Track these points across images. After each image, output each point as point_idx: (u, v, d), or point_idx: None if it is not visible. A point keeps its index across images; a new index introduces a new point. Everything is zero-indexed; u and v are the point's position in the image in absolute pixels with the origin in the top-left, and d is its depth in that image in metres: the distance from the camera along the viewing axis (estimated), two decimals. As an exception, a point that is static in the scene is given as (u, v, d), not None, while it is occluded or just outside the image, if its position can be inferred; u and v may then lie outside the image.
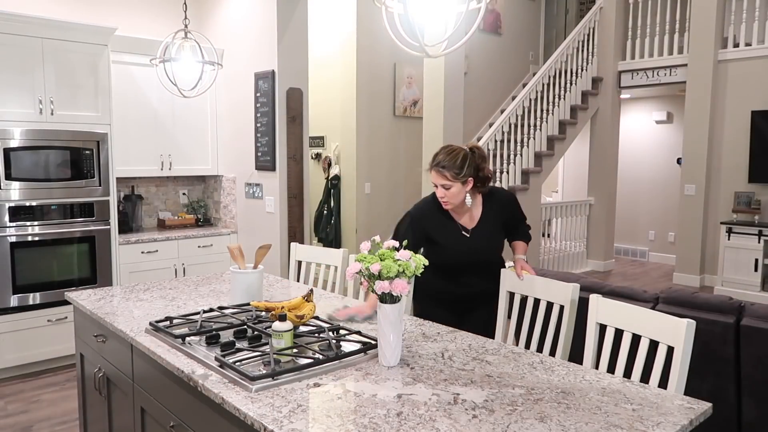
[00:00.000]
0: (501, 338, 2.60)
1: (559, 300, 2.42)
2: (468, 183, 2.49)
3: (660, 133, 8.93)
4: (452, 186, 2.47)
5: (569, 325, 2.37)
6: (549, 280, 2.50)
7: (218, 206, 5.48)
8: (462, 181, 2.47)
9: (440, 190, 2.50)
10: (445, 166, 2.46)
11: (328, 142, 7.05)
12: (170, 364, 1.91)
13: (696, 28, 7.07)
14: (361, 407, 1.58)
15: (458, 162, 2.45)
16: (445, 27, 1.99)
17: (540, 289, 2.51)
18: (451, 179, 2.46)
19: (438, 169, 2.48)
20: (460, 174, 2.46)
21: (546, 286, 2.49)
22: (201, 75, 3.43)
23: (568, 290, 2.38)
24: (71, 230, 4.29)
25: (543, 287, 2.50)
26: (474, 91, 7.97)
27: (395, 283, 1.82)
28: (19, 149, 4.04)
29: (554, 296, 2.44)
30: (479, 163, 2.53)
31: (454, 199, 2.51)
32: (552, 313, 2.44)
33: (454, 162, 2.46)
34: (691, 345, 1.85)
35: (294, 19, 4.72)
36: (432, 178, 2.51)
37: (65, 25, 4.18)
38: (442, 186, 2.49)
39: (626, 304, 2.10)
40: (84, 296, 2.74)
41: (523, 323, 2.56)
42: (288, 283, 3.14)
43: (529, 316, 2.56)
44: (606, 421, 1.52)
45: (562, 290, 2.41)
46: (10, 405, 3.72)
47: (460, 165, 2.46)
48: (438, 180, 2.49)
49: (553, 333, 2.41)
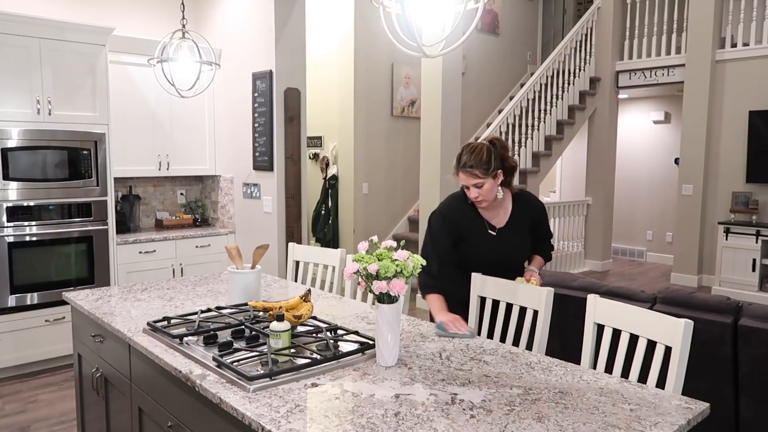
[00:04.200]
0: (498, 338, 2.60)
1: (533, 305, 2.33)
2: (498, 176, 2.44)
3: (658, 133, 8.94)
4: (484, 183, 2.40)
5: (544, 329, 2.28)
6: (523, 284, 2.42)
7: (216, 206, 5.48)
8: (492, 175, 2.41)
9: (473, 190, 2.43)
10: (473, 165, 2.39)
11: (326, 142, 7.05)
12: (168, 364, 1.90)
13: (694, 28, 7.09)
14: (358, 407, 1.58)
15: (484, 157, 2.39)
16: (442, 27, 1.99)
17: (512, 294, 2.41)
18: (481, 176, 2.39)
19: (466, 170, 2.41)
20: (489, 169, 2.39)
21: (518, 290, 2.39)
22: (199, 75, 3.43)
23: (542, 294, 2.30)
24: (69, 230, 4.28)
25: (515, 292, 2.41)
26: (472, 91, 7.97)
27: (393, 283, 1.82)
28: (16, 149, 4.03)
29: (527, 301, 2.36)
30: (503, 153, 2.47)
31: (488, 195, 2.44)
32: (526, 318, 2.36)
33: (480, 159, 2.39)
34: (689, 345, 1.85)
35: (292, 19, 4.72)
36: (462, 181, 2.45)
37: (63, 25, 4.18)
38: (474, 186, 2.42)
39: (624, 304, 2.10)
40: (82, 296, 2.74)
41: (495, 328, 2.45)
42: (286, 283, 3.13)
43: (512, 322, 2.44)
44: (603, 421, 1.52)
45: (536, 295, 2.33)
46: (7, 405, 3.71)
47: (487, 160, 2.39)
48: (469, 181, 2.42)
49: (527, 338, 2.34)
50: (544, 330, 2.29)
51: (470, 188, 2.43)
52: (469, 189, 2.44)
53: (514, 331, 2.41)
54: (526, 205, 2.60)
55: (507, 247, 2.53)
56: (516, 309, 2.41)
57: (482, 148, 2.41)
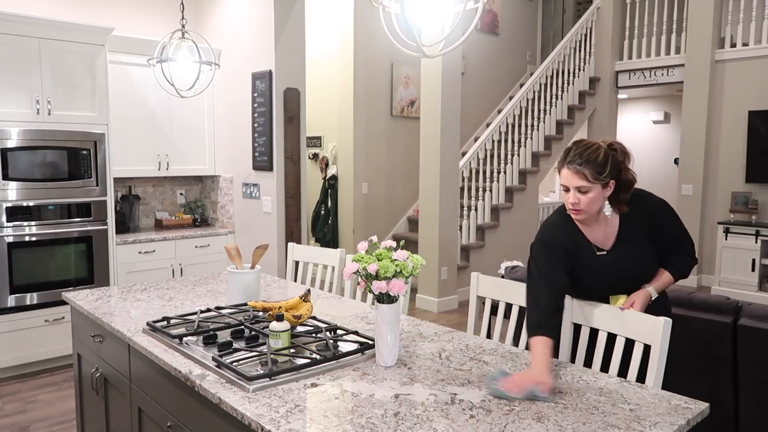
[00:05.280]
0: (498, 338, 2.60)
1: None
2: (609, 186, 1.99)
3: (657, 133, 8.94)
4: (590, 189, 1.96)
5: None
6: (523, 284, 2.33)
7: (215, 206, 5.48)
8: (603, 183, 1.97)
9: (573, 194, 1.99)
10: (583, 163, 1.95)
11: (326, 143, 7.05)
12: (167, 364, 1.90)
13: (693, 28, 7.09)
14: (358, 407, 1.58)
15: (600, 159, 1.96)
16: (442, 27, 1.99)
17: (512, 294, 2.39)
18: (591, 180, 1.95)
19: (574, 167, 1.96)
20: (603, 174, 1.96)
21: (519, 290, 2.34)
22: (198, 75, 3.43)
23: None
24: (68, 230, 4.28)
25: (515, 292, 2.38)
26: (471, 91, 7.98)
27: (393, 283, 1.82)
28: (16, 149, 4.03)
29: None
30: (622, 162, 2.03)
31: (590, 206, 1.99)
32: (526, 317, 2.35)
33: (595, 158, 1.96)
34: (667, 343, 1.85)
35: (291, 19, 4.72)
36: (563, 179, 2.01)
37: (62, 25, 4.18)
38: (577, 189, 1.98)
39: (601, 303, 2.09)
40: (81, 296, 2.74)
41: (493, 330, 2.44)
42: (285, 283, 3.13)
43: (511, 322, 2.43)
44: (603, 421, 1.52)
45: None
46: (7, 405, 3.71)
47: (603, 162, 1.96)
48: (572, 181, 1.98)
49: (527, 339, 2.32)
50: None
51: (570, 191, 2.00)
52: (568, 192, 2.01)
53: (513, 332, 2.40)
54: (637, 209, 2.08)
55: (624, 265, 2.08)
56: (516, 309, 2.40)
57: (599, 148, 1.99)
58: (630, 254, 2.07)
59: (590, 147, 1.99)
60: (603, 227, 2.09)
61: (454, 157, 6.02)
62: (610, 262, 2.07)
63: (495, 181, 6.86)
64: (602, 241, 2.09)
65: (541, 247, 2.09)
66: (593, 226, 2.09)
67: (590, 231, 2.10)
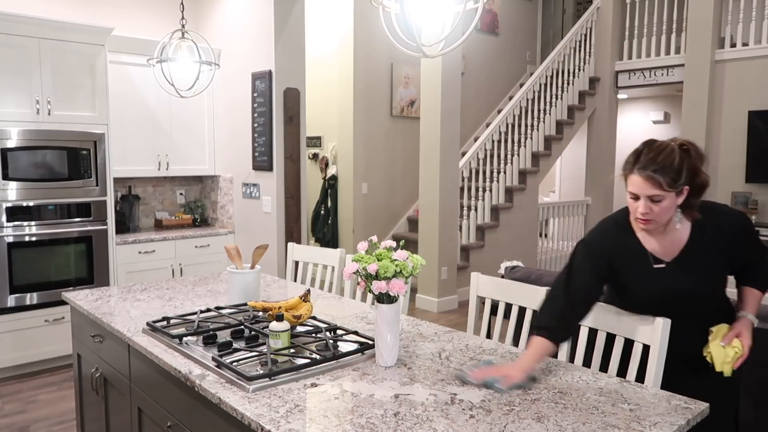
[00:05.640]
0: (497, 338, 2.60)
1: (533, 305, 2.28)
2: (683, 193, 1.78)
3: (657, 133, 8.94)
4: (664, 198, 1.75)
5: None
6: (523, 284, 2.38)
7: (215, 206, 5.48)
8: (677, 190, 1.76)
9: (644, 203, 1.77)
10: (657, 170, 1.73)
11: (325, 143, 7.05)
12: (167, 364, 1.90)
13: (693, 28, 7.08)
14: (358, 407, 1.58)
15: (676, 164, 1.73)
16: (442, 27, 1.99)
17: (512, 294, 2.39)
18: (666, 188, 1.73)
19: (647, 173, 1.74)
20: (679, 181, 1.74)
21: (519, 290, 2.37)
22: (198, 75, 3.43)
23: (541, 295, 2.21)
24: (68, 230, 4.28)
25: (515, 292, 2.38)
26: (471, 91, 7.98)
27: (392, 283, 1.82)
28: (16, 149, 4.03)
29: (528, 301, 2.32)
30: (696, 164, 1.79)
31: (662, 216, 1.79)
32: (525, 318, 2.34)
33: (670, 163, 1.73)
34: (666, 342, 1.85)
35: (291, 19, 4.72)
36: (633, 187, 1.78)
37: (62, 25, 4.18)
38: (650, 198, 1.76)
39: (600, 303, 2.08)
40: (81, 296, 2.74)
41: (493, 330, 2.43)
42: (285, 283, 3.13)
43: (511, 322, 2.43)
44: (603, 421, 1.52)
45: (536, 295, 2.27)
46: (7, 405, 3.71)
47: (678, 168, 1.74)
48: (645, 189, 1.75)
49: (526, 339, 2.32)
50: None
51: (641, 200, 1.78)
52: (637, 200, 1.80)
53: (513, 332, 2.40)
54: (713, 223, 1.87)
55: (681, 283, 1.86)
56: (515, 309, 2.41)
57: (674, 151, 1.76)
58: (695, 270, 1.85)
59: (664, 150, 1.76)
60: (667, 237, 1.87)
61: (453, 157, 6.02)
62: (668, 277, 1.86)
63: (495, 181, 6.86)
64: (663, 252, 1.87)
65: (583, 248, 1.96)
66: (655, 235, 1.88)
67: (650, 240, 1.88)
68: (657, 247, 1.88)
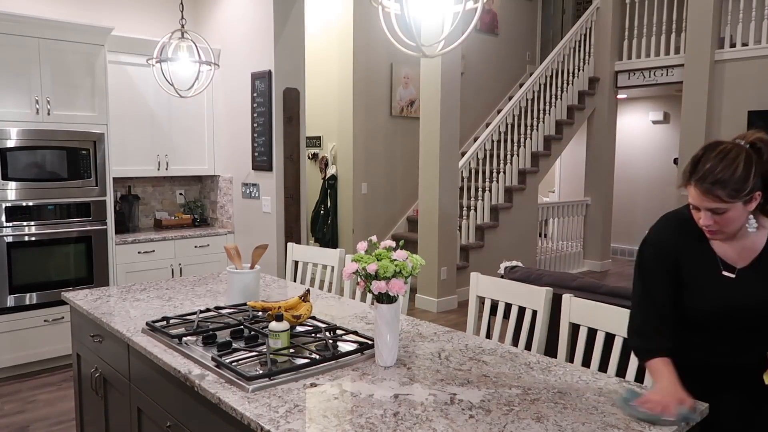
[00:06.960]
0: (497, 338, 2.60)
1: (532, 305, 2.31)
2: (754, 200, 1.57)
3: (657, 133, 8.94)
4: (728, 209, 1.55)
5: (543, 329, 2.26)
6: (523, 284, 2.38)
7: (215, 206, 5.48)
8: (745, 199, 1.54)
9: (705, 216, 1.59)
10: (716, 182, 1.53)
11: (325, 142, 7.05)
12: (167, 364, 1.90)
13: (693, 28, 7.08)
14: (357, 407, 1.58)
15: (739, 172, 1.52)
16: (441, 27, 1.99)
17: (512, 294, 2.39)
18: (727, 200, 1.53)
19: (705, 186, 1.54)
20: (743, 190, 1.53)
21: (518, 290, 2.38)
22: (198, 75, 3.43)
23: (541, 294, 2.28)
24: (68, 230, 4.28)
25: (515, 292, 2.39)
26: (471, 91, 7.98)
27: (392, 283, 1.82)
28: (15, 149, 4.03)
29: (527, 301, 2.33)
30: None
31: (729, 226, 1.59)
32: (525, 318, 2.34)
33: (732, 172, 1.52)
34: None
35: (291, 19, 4.72)
36: (691, 199, 1.60)
37: (62, 25, 4.18)
38: (711, 211, 1.57)
39: (600, 303, 2.08)
40: (81, 296, 2.73)
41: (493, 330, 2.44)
42: (285, 283, 3.13)
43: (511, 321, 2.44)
44: (602, 421, 1.52)
45: (535, 294, 2.30)
46: (6, 405, 3.71)
47: (743, 177, 1.52)
48: (703, 202, 1.56)
49: (526, 338, 2.32)
50: (543, 331, 2.29)
51: (702, 212, 1.59)
52: (698, 211, 1.61)
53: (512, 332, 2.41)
54: None
55: (752, 295, 1.65)
56: (515, 309, 2.41)
57: (738, 155, 1.54)
58: (763, 284, 1.64)
59: (726, 156, 1.54)
60: (740, 242, 1.66)
61: (453, 157, 6.02)
62: (737, 286, 1.65)
63: (494, 181, 6.86)
64: (734, 259, 1.67)
65: (650, 249, 1.76)
66: (728, 240, 1.67)
67: (721, 243, 1.68)
68: (728, 252, 1.68)
